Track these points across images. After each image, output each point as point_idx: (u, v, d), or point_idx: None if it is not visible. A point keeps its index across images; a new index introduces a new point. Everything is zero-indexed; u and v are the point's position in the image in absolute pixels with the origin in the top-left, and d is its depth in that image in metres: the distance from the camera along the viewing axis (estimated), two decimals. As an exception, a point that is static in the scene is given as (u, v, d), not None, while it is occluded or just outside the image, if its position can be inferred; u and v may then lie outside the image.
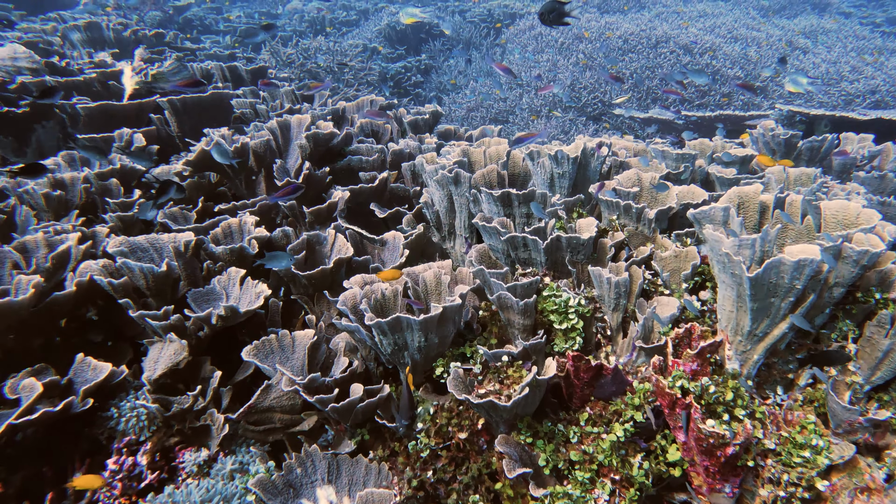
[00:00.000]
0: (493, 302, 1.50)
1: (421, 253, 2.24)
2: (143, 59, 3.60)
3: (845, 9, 8.21)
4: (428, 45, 7.20)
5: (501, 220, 1.69)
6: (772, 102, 5.66)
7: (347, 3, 8.96)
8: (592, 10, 7.72)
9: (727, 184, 2.08)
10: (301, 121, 2.61)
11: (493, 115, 6.10)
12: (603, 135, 5.51)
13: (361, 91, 5.86)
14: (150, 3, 6.39)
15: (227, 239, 1.98)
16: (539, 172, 1.96)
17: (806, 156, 2.78)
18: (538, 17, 2.35)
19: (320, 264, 2.07)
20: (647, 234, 1.73)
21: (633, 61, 5.93)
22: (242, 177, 2.42)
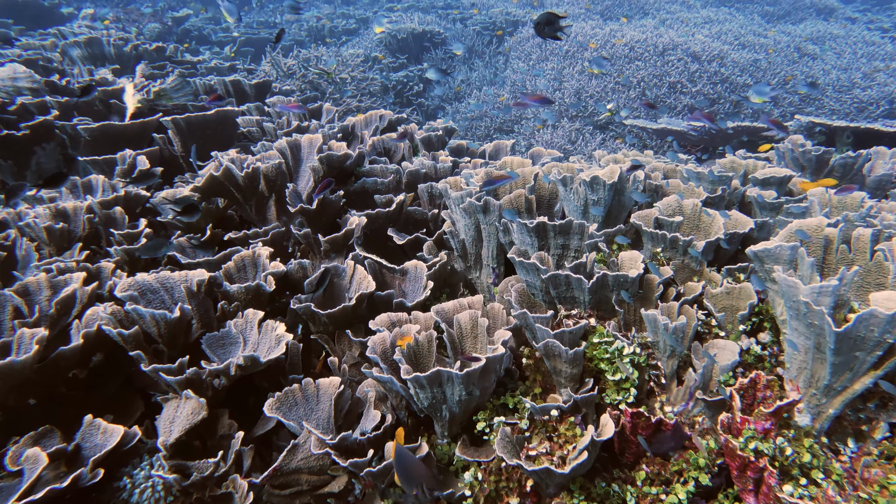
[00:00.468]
0: (538, 350, 1.38)
1: (444, 283, 2.12)
2: (145, 76, 3.48)
3: (850, 13, 8.15)
4: (430, 53, 7.10)
5: (539, 255, 1.58)
6: (783, 110, 5.58)
7: (346, 10, 8.87)
8: (596, 16, 7.65)
9: (767, 208, 1.97)
10: (312, 141, 2.49)
11: (497, 125, 6.00)
12: (610, 144, 5.42)
13: (364, 102, 5.75)
14: (149, 15, 6.27)
15: (241, 273, 1.85)
16: (572, 199, 1.84)
17: (839, 172, 2.68)
18: (534, 27, 2.25)
19: (339, 298, 1.95)
20: (694, 267, 1.62)
21: (639, 69, 5.83)
22: (253, 202, 2.30)
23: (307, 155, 2.51)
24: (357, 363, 1.82)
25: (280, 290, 1.98)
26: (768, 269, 1.34)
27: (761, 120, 3.40)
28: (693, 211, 1.77)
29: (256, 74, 5.68)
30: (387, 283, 2.10)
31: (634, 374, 1.33)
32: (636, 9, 7.75)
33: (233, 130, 3.09)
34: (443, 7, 8.42)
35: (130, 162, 2.60)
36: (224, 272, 1.81)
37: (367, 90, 5.99)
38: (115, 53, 3.71)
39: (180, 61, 4.49)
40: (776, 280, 1.23)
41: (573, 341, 1.37)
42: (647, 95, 5.67)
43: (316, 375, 1.79)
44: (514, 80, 6.30)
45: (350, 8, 9.20)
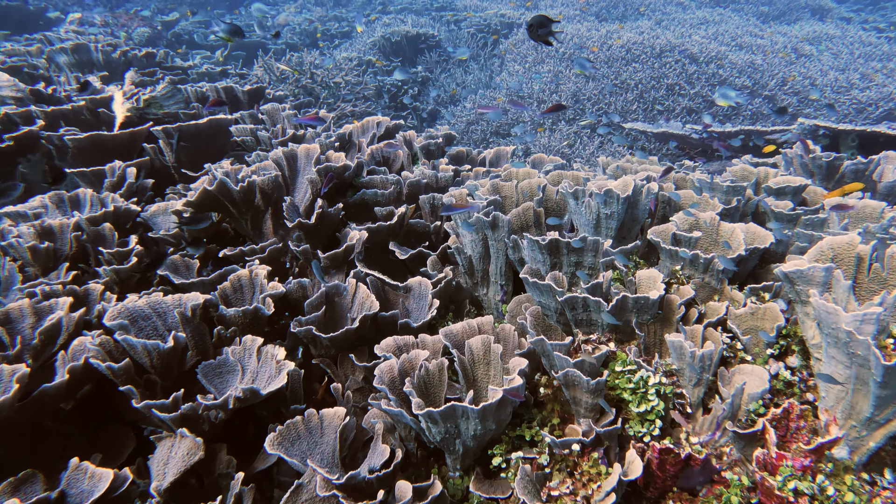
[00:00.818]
0: (556, 379, 1.30)
1: (450, 300, 2.03)
2: (135, 83, 3.38)
3: (844, 13, 8.15)
4: (424, 56, 7.02)
5: (554, 275, 1.50)
6: (788, 114, 5.54)
7: (339, 14, 8.77)
8: (591, 17, 7.59)
9: (784, 219, 1.90)
10: (309, 151, 2.40)
11: (493, 128, 5.93)
12: (608, 147, 5.36)
13: (358, 106, 5.66)
14: (138, 19, 6.15)
15: (238, 294, 1.76)
16: (583, 213, 1.76)
17: (850, 179, 2.62)
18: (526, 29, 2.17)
19: (340, 318, 1.87)
20: (714, 286, 1.55)
21: (637, 71, 5.78)
22: (249, 216, 2.21)
23: (304, 166, 2.42)
24: (361, 388, 1.73)
25: (279, 310, 1.89)
26: (800, 290, 1.27)
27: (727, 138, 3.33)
28: (711, 225, 1.70)
29: (248, 80, 5.58)
30: (390, 301, 2.02)
31: (660, 406, 1.26)
32: (631, 10, 7.71)
33: (226, 139, 2.99)
34: (437, 9, 8.34)
35: (120, 174, 2.50)
36: (220, 293, 1.72)
37: (362, 94, 5.90)
38: (103, 60, 3.60)
39: (171, 67, 4.38)
40: (813, 305, 1.16)
41: (594, 370, 1.29)
42: (644, 98, 5.62)
43: (318, 402, 1.70)
44: (509, 84, 6.23)
45: (342, 10, 9.11)
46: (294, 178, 2.42)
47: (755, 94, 5.65)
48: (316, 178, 2.25)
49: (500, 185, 2.04)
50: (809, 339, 1.31)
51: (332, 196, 2.50)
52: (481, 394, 1.43)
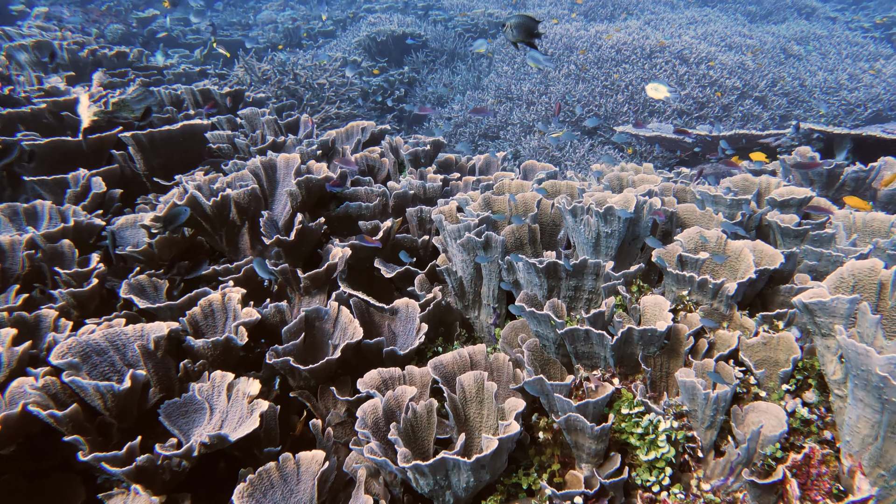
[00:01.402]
0: (557, 423, 1.18)
1: (439, 322, 1.91)
2: (103, 85, 3.20)
3: (830, 13, 8.15)
4: (410, 56, 6.87)
5: (553, 304, 1.38)
6: (771, 113, 5.49)
7: (324, 12, 8.58)
8: (580, 17, 7.50)
9: (791, 235, 1.80)
10: (289, 161, 2.26)
11: (482, 130, 5.81)
12: (599, 150, 5.26)
13: (343, 108, 5.51)
14: (111, 15, 5.92)
15: (209, 321, 1.62)
16: (582, 231, 1.65)
17: (850, 187, 2.54)
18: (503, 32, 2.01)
19: (321, 344, 1.73)
20: (723, 311, 1.44)
21: (627, 72, 5.69)
22: (224, 232, 2.06)
23: (283, 177, 2.28)
24: (344, 421, 1.60)
25: (255, 336, 1.75)
26: (820, 323, 1.16)
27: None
28: (717, 244, 1.59)
29: (229, 80, 5.39)
30: (375, 324, 1.89)
31: (671, 452, 1.14)
32: (620, 9, 7.63)
33: (202, 146, 2.83)
34: (422, 9, 8.19)
35: (84, 184, 2.34)
36: (189, 320, 1.58)
37: (346, 96, 5.74)
38: (69, 59, 3.40)
39: (145, 67, 4.20)
40: (840, 343, 1.05)
41: (598, 412, 1.18)
42: (635, 99, 5.54)
43: (296, 439, 1.57)
44: (498, 85, 6.11)
45: (327, 8, 8.91)
46: (273, 190, 2.28)
47: (745, 95, 5.60)
48: (296, 190, 2.11)
49: (493, 200, 1.92)
50: (829, 373, 1.21)
51: (314, 209, 2.37)
52: (473, 436, 1.31)
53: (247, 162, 2.50)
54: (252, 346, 1.73)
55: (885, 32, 7.81)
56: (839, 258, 1.63)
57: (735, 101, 5.51)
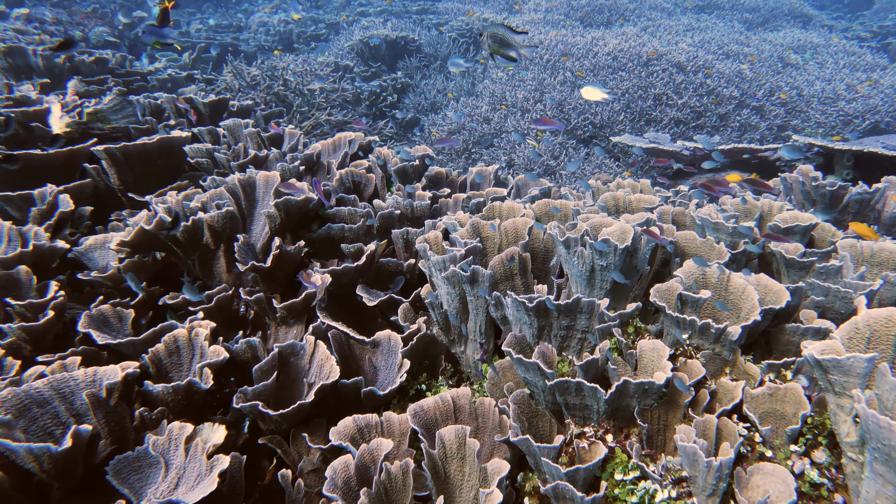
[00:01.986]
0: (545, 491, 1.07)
1: (424, 354, 1.80)
2: (78, 93, 3.07)
3: (826, 21, 8.09)
4: (404, 61, 6.76)
5: (543, 351, 1.27)
6: (769, 123, 5.41)
7: (316, 15, 8.46)
8: (575, 23, 7.41)
9: (796, 267, 1.70)
10: (269, 179, 2.15)
11: (476, 138, 5.70)
12: (594, 159, 5.17)
13: (334, 115, 5.39)
14: (96, 17, 5.79)
15: (173, 359, 1.50)
16: (576, 263, 1.54)
17: (854, 209, 2.44)
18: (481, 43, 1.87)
19: (296, 383, 1.62)
20: (726, 356, 1.33)
21: (623, 80, 5.60)
22: (196, 257, 1.94)
23: (263, 196, 2.16)
24: (317, 469, 1.48)
25: (226, 372, 1.63)
26: (834, 381, 1.06)
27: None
28: (720, 281, 1.49)
29: (216, 85, 5.27)
30: (356, 357, 1.78)
31: (671, 524, 1.04)
32: (616, 15, 7.55)
33: (180, 160, 2.71)
34: (417, 12, 8.09)
35: (51, 201, 2.22)
36: (151, 358, 1.46)
37: (338, 102, 5.63)
38: (43, 65, 3.28)
39: (127, 73, 4.07)
40: (859, 413, 0.95)
41: (588, 478, 1.07)
42: (631, 108, 5.45)
43: (264, 490, 1.45)
44: (492, 91, 6.01)
45: (320, 12, 8.79)
46: (252, 210, 2.16)
47: (743, 104, 5.52)
48: (274, 212, 1.99)
49: (481, 226, 1.81)
50: (843, 434, 1.11)
51: (296, 229, 2.25)
52: (454, 495, 1.19)
53: (226, 178, 2.38)
54: (223, 382, 1.62)
55: (881, 42, 7.77)
56: (847, 294, 1.54)
57: (732, 110, 5.43)
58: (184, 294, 1.67)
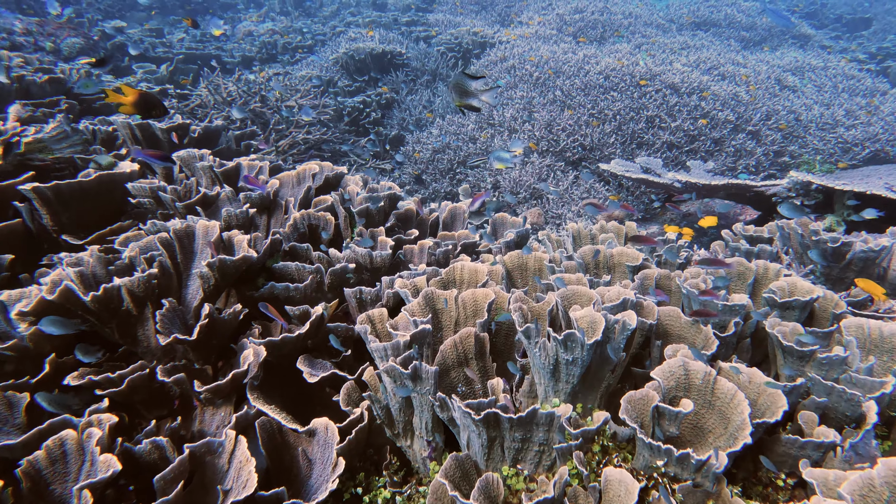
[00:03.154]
0: None
1: (367, 444, 1.57)
2: (20, 119, 2.84)
3: (825, 41, 7.93)
4: (390, 75, 6.55)
5: (487, 482, 1.04)
6: (765, 149, 5.21)
7: (303, 25, 8.25)
8: (568, 38, 7.23)
9: (795, 356, 1.48)
10: (208, 230, 1.92)
11: (461, 157, 5.49)
12: (583, 183, 4.95)
13: (313, 133, 5.17)
14: (70, 27, 5.56)
15: (56, 467, 1.27)
16: (538, 356, 1.32)
17: (857, 267, 2.23)
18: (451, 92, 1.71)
19: (210, 486, 1.39)
20: (708, 488, 1.11)
21: (615, 101, 5.40)
22: (115, 325, 1.71)
23: (202, 248, 1.94)
24: None
25: (127, 472, 1.40)
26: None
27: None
28: (705, 382, 1.27)
29: (191, 101, 5.04)
30: (289, 447, 1.55)
31: None
32: (610, 31, 7.37)
33: (122, 198, 2.48)
34: (406, 24, 7.89)
35: (-34, 250, 1.98)
36: (27, 469, 1.23)
37: (318, 119, 5.40)
38: (-13, 89, 3.04)
39: (90, 95, 3.84)
40: None
41: None
42: (623, 130, 5.24)
43: None
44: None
45: (308, 21, 8.59)
46: (189, 264, 1.93)
47: (739, 128, 5.33)
48: (207, 272, 1.77)
49: (436, 298, 1.59)
50: None
51: (238, 285, 2.03)
52: None
53: (168, 223, 2.16)
54: (122, 489, 1.38)
55: (880, 65, 7.61)
56: (855, 398, 1.32)
57: (728, 134, 5.23)
58: (38, 402, 1.43)
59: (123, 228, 2.37)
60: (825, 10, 10.09)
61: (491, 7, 8.56)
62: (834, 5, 10.47)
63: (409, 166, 5.68)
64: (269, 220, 2.50)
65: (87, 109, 3.77)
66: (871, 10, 9.27)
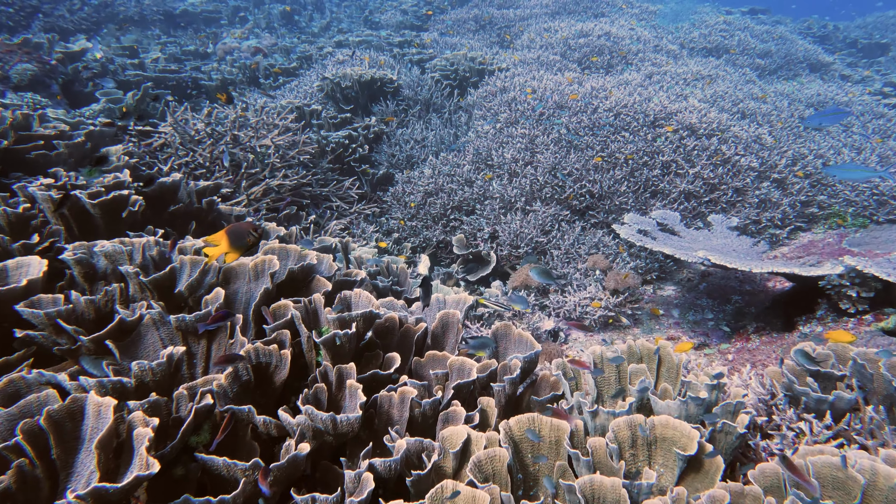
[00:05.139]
0: None
1: None
2: None
3: (842, 69, 7.47)
4: (379, 105, 6.01)
5: None
6: (792, 199, 4.70)
7: (289, 44, 7.70)
8: (573, 65, 6.72)
9: None
10: (101, 410, 1.38)
11: (456, 202, 4.95)
12: (590, 235, 4.43)
13: (290, 177, 4.62)
14: (23, 51, 4.99)
15: None
16: None
17: None
18: None
19: None
20: None
21: (627, 142, 4.89)
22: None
23: (91, 433, 1.39)
24: None
25: None
26: None
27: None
28: None
29: (153, 140, 4.48)
30: None
31: None
32: (617, 57, 6.86)
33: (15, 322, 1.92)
34: (399, 45, 7.35)
35: None
36: None
37: (297, 159, 4.85)
38: None
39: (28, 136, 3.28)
40: None
41: None
42: (636, 177, 4.72)
43: None
44: (477, 147, 5.27)
45: (294, 39, 8.04)
46: (70, 460, 1.38)
47: (763, 176, 4.82)
48: (84, 494, 1.22)
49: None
50: None
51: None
52: None
53: (44, 395, 1.62)
54: None
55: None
56: None
57: (751, 182, 4.73)
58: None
59: (10, 365, 1.81)
60: (837, 34, 9.65)
61: (490, 27, 8.05)
62: (846, 28, 10.05)
63: (397, 209, 5.14)
64: (208, 346, 1.95)
65: (14, 162, 3.21)
66: (888, 35, 8.83)
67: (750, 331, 3.39)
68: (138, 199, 2.78)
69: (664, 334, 3.83)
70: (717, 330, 3.77)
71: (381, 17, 8.75)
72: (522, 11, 8.35)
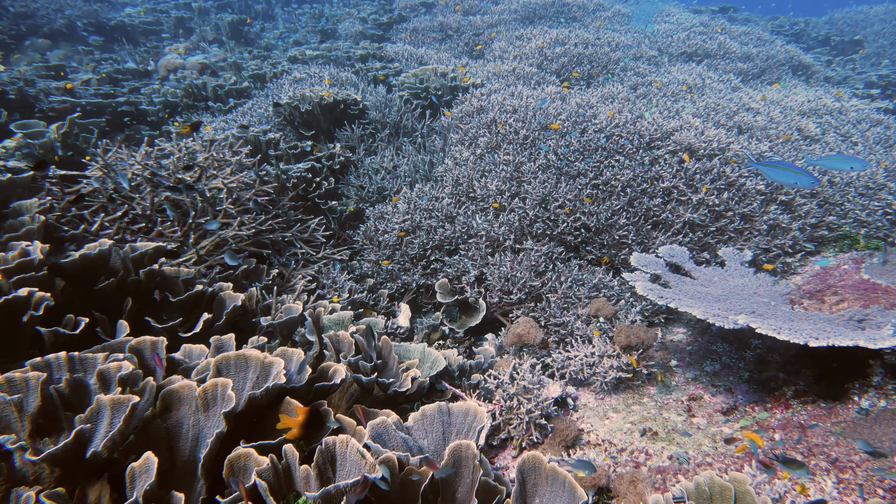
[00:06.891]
0: None
1: None
2: None
3: (827, 72, 7.23)
4: (344, 130, 5.40)
5: None
6: (802, 223, 4.34)
7: (239, 60, 6.99)
8: (551, 77, 6.25)
9: None
10: None
11: (436, 241, 4.40)
12: (587, 272, 3.96)
13: (247, 225, 3.98)
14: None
15: None
16: None
17: None
18: None
19: None
20: None
21: (622, 167, 4.43)
22: None
23: None
24: None
25: None
26: None
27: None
28: None
29: (81, 187, 3.77)
30: None
31: None
32: (598, 67, 6.42)
33: None
34: (360, 59, 6.74)
35: None
36: None
37: (254, 200, 4.21)
38: None
39: None
40: None
41: None
42: (635, 207, 4.28)
43: None
44: (456, 177, 4.74)
45: (245, 54, 7.32)
46: None
47: (769, 199, 4.44)
48: None
49: None
50: None
51: None
52: None
53: None
54: None
55: (883, 94, 6.95)
56: None
57: (758, 207, 4.34)
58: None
59: None
60: (808, 30, 9.50)
61: (457, 36, 7.51)
62: (815, 24, 9.91)
63: (370, 251, 4.57)
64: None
65: None
66: (860, 31, 8.70)
67: (788, 394, 2.97)
68: (45, 297, 2.15)
69: (684, 394, 3.38)
70: (741, 384, 3.33)
71: (339, 27, 8.10)
72: (491, 18, 7.84)
